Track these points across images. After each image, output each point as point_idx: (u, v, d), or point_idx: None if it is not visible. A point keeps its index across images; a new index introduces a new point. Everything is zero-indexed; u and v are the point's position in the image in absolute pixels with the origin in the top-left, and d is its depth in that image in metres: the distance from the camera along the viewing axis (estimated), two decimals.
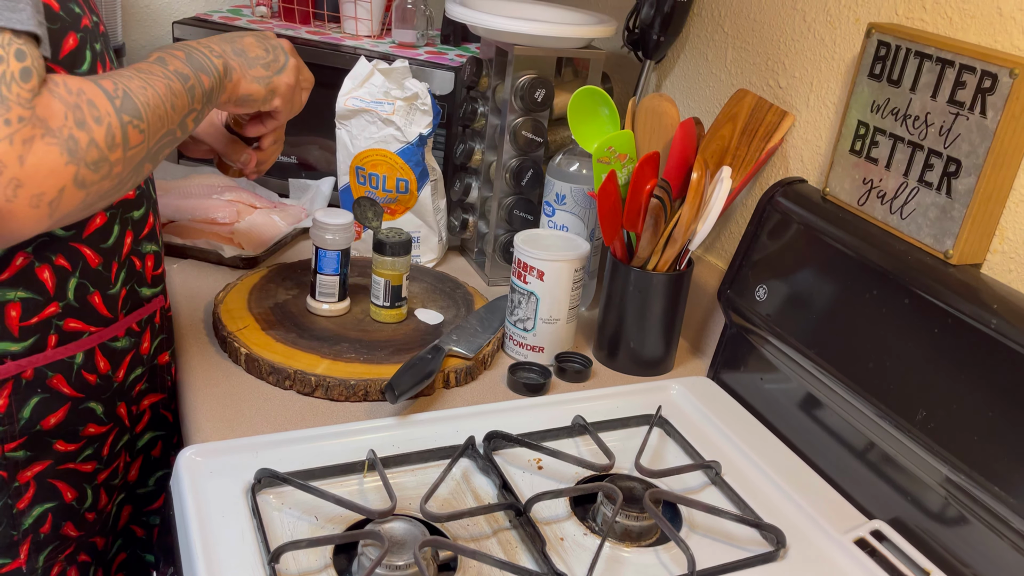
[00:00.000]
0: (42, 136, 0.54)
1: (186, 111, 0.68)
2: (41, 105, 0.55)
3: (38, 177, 0.54)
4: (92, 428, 0.78)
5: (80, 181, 0.57)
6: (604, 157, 0.91)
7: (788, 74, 0.94)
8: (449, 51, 1.29)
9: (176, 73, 0.68)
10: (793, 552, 0.72)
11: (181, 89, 0.67)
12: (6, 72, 0.53)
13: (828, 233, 0.84)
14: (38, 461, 0.74)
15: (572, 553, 0.70)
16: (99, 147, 0.58)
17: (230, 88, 0.75)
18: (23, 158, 0.53)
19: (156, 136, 0.64)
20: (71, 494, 0.77)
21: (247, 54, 0.77)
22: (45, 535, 0.76)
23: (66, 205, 0.57)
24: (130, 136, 0.61)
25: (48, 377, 0.72)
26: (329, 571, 0.65)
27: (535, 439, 0.81)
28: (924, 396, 0.72)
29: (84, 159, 0.57)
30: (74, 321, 0.74)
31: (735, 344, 0.95)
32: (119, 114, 0.60)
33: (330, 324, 0.95)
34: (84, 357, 0.75)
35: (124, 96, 0.61)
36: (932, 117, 0.74)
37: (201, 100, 0.70)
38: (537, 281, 0.93)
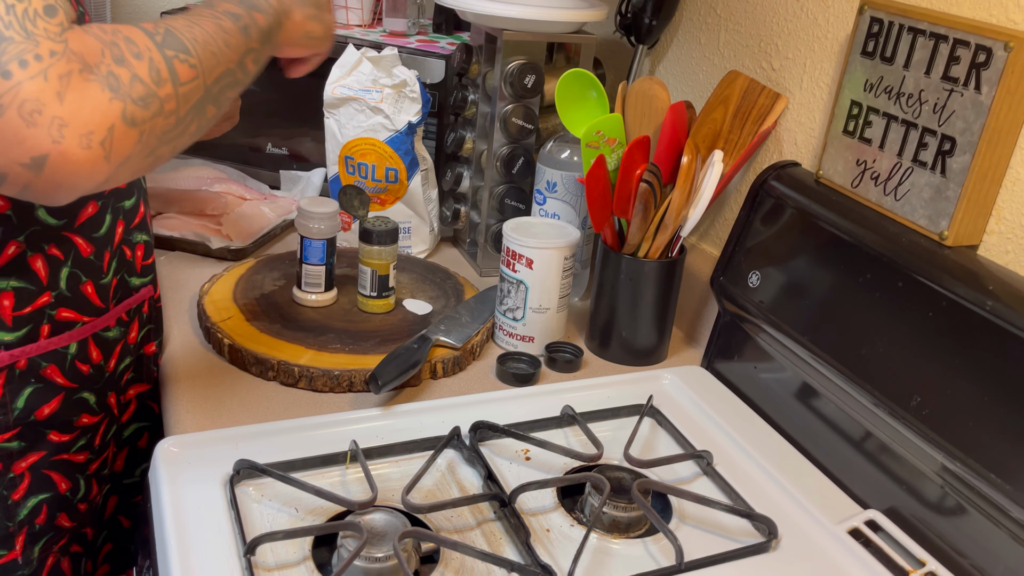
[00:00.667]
0: (80, 71, 0.49)
1: (243, 50, 0.63)
2: (74, 39, 0.50)
3: (82, 114, 0.48)
4: (85, 418, 0.77)
5: (130, 118, 0.51)
6: (592, 142, 0.89)
7: (781, 55, 0.92)
8: (441, 39, 1.27)
9: (226, 13, 0.63)
10: (785, 543, 0.70)
11: (233, 27, 0.62)
12: (28, 8, 0.48)
13: (822, 217, 0.82)
14: (32, 452, 0.73)
15: (558, 544, 0.68)
16: (143, 82, 0.53)
17: (289, 27, 0.70)
18: (61, 95, 0.48)
19: (212, 74, 0.59)
20: (65, 485, 0.77)
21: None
22: (40, 526, 0.75)
23: (121, 146, 0.51)
24: (178, 70, 0.56)
25: (42, 367, 0.72)
26: (307, 563, 0.63)
27: (523, 429, 0.79)
28: (919, 382, 0.70)
29: (129, 94, 0.52)
30: (67, 311, 0.73)
31: (729, 332, 0.93)
32: (161, 48, 0.55)
33: (316, 315, 0.94)
34: (77, 347, 0.74)
35: (166, 33, 0.57)
36: (926, 94, 0.72)
37: (259, 39, 0.65)
38: (526, 269, 0.91)
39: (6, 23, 0.47)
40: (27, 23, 0.48)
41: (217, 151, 1.30)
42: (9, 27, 0.47)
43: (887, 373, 0.73)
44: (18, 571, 0.75)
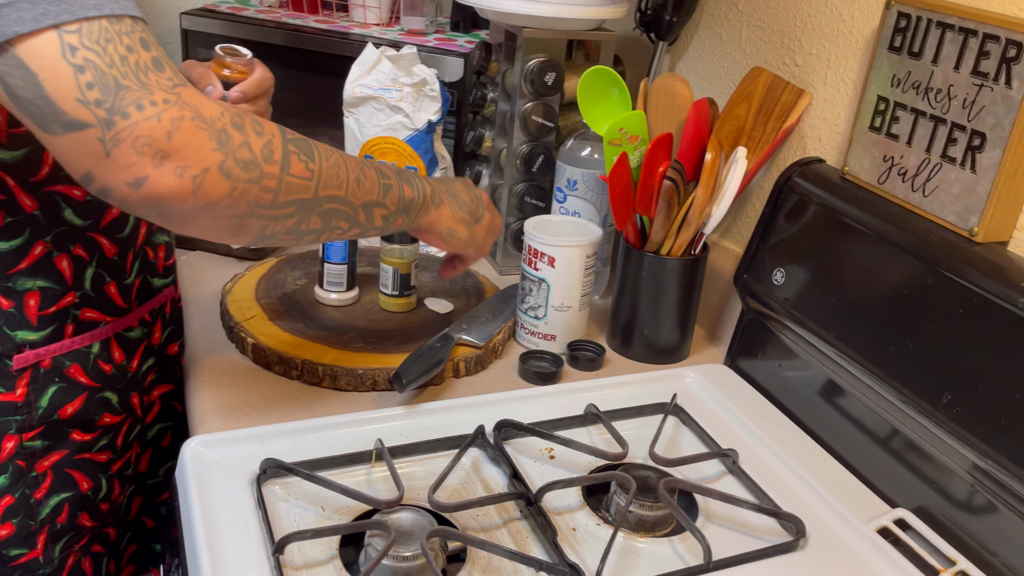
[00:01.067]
0: (192, 118, 0.55)
1: (373, 197, 0.67)
2: (187, 93, 0.55)
3: (184, 152, 0.54)
4: (107, 418, 0.78)
5: (226, 171, 0.56)
6: (615, 139, 0.89)
7: (805, 51, 0.91)
8: (459, 38, 1.27)
9: (377, 168, 0.69)
10: (813, 542, 0.69)
11: (375, 177, 0.68)
12: (139, 61, 0.54)
13: (848, 213, 0.81)
14: (55, 451, 0.74)
15: (584, 544, 0.68)
16: (252, 150, 0.58)
17: (435, 215, 0.76)
18: (171, 134, 0.54)
19: (327, 188, 0.63)
20: (87, 484, 0.77)
21: (458, 196, 0.79)
22: (61, 525, 0.76)
23: (210, 188, 0.56)
24: (292, 163, 0.60)
25: (66, 366, 0.73)
26: (335, 562, 0.63)
27: (547, 428, 0.79)
28: (949, 379, 0.69)
29: (234, 153, 0.57)
30: (91, 311, 0.74)
31: (752, 330, 0.93)
32: (285, 141, 0.60)
33: (338, 314, 0.94)
34: (100, 347, 0.75)
35: (301, 138, 0.62)
36: (955, 89, 0.71)
37: (396, 203, 0.70)
38: (548, 268, 0.91)
39: (123, 73, 0.53)
40: (140, 75, 0.54)
41: None
42: (126, 77, 0.53)
43: (916, 370, 0.72)
44: (39, 570, 0.75)
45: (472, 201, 0.80)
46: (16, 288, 0.68)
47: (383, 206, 0.69)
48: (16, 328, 0.68)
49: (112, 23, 0.53)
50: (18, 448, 0.71)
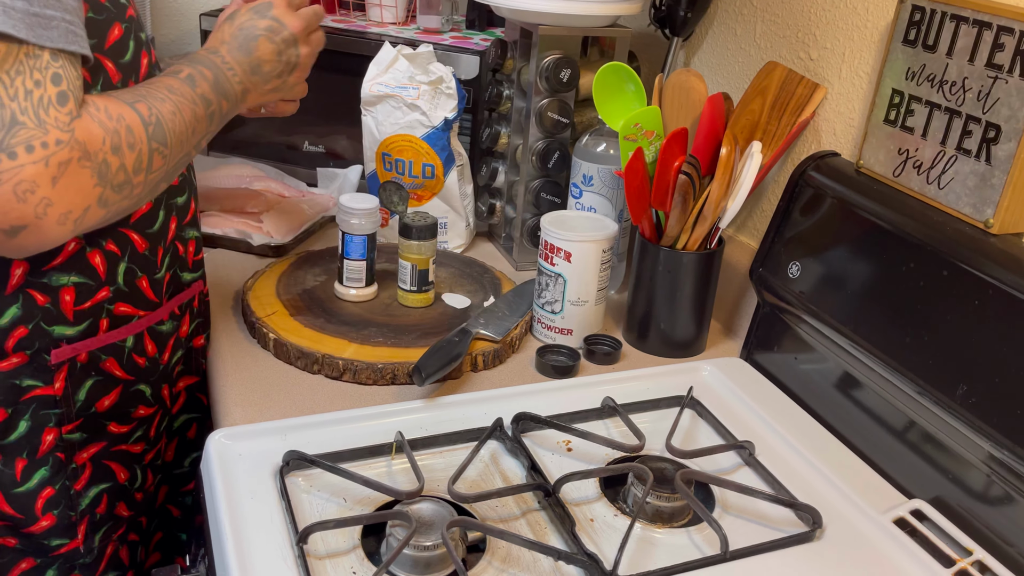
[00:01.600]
0: (79, 160, 0.56)
1: (203, 134, 0.72)
2: (80, 128, 0.57)
3: (67, 197, 0.56)
4: (142, 410, 0.80)
5: (103, 201, 0.60)
6: (631, 134, 0.90)
7: (819, 45, 0.92)
8: (474, 35, 1.28)
9: (202, 97, 0.70)
10: (830, 532, 0.70)
11: (203, 114, 0.70)
12: (43, 96, 0.54)
13: (863, 206, 0.82)
14: (93, 443, 0.76)
15: (602, 534, 0.69)
16: (127, 171, 0.61)
17: (242, 107, 0.79)
18: (56, 179, 0.55)
19: (175, 160, 0.68)
20: (124, 475, 0.79)
21: (261, 69, 0.79)
22: (101, 515, 0.78)
23: (88, 221, 0.60)
24: (154, 161, 0.64)
25: (102, 360, 0.74)
26: (357, 552, 0.64)
27: (564, 421, 0.80)
28: (965, 370, 0.70)
29: (111, 182, 0.60)
30: (124, 305, 0.75)
31: (768, 324, 0.93)
32: (150, 141, 0.63)
33: (358, 309, 0.95)
34: (134, 340, 0.77)
35: (156, 123, 0.64)
36: (970, 82, 0.72)
37: (218, 122, 0.74)
38: (564, 263, 0.92)
39: (22, 108, 0.53)
40: (40, 111, 0.54)
41: (255, 150, 1.32)
42: (24, 112, 0.53)
43: (932, 362, 0.72)
44: (80, 559, 0.77)
45: (279, 59, 0.80)
46: (51, 284, 0.69)
47: (209, 133, 0.73)
48: (53, 323, 0.70)
49: (28, 57, 0.54)
50: (58, 441, 0.73)
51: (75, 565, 0.77)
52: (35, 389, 0.71)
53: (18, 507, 0.72)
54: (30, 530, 0.73)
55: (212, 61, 0.74)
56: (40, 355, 0.70)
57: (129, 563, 0.83)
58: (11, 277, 0.67)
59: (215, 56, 0.74)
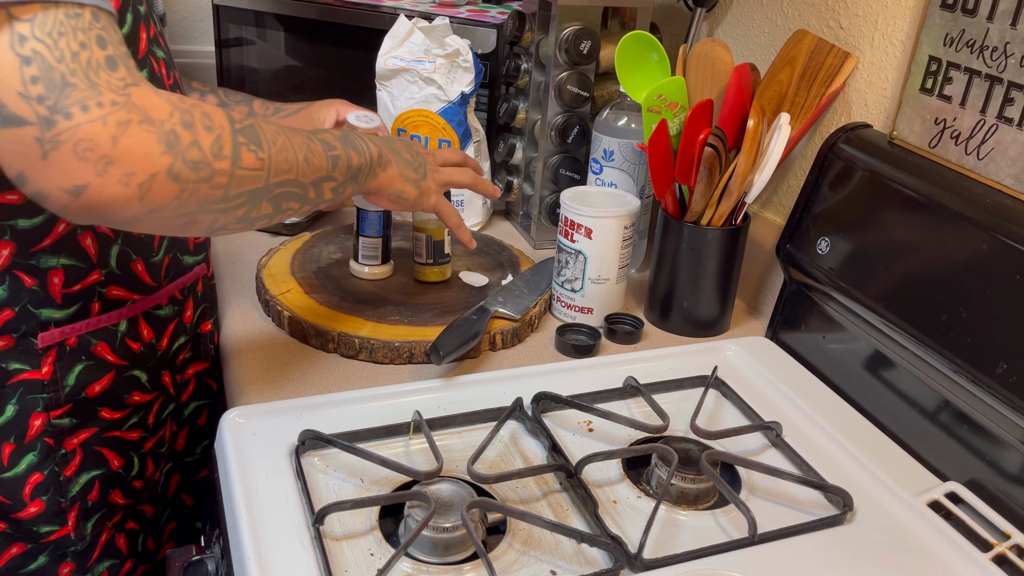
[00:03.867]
0: (139, 122, 0.52)
1: (323, 173, 0.67)
2: (137, 94, 0.53)
3: (131, 158, 0.52)
4: (137, 396, 0.78)
5: (175, 174, 0.54)
6: (654, 106, 0.87)
7: (850, 13, 0.88)
8: (491, 9, 1.25)
9: (322, 140, 0.67)
10: (861, 515, 0.68)
11: (322, 151, 0.67)
12: (91, 59, 0.51)
13: (896, 179, 0.79)
14: (84, 428, 0.74)
15: (626, 516, 0.67)
16: (202, 149, 0.56)
17: (383, 178, 0.75)
18: (116, 139, 0.51)
19: (278, 174, 0.62)
20: (118, 462, 0.77)
21: (401, 155, 0.78)
22: (93, 502, 0.76)
23: (158, 193, 0.54)
24: (243, 156, 0.59)
25: (92, 344, 0.72)
26: (375, 533, 0.63)
27: (585, 401, 0.78)
28: (1005, 348, 0.67)
29: (183, 155, 0.55)
30: (117, 288, 0.73)
31: (795, 302, 0.91)
32: (235, 133, 0.59)
33: (374, 287, 0.93)
34: (128, 325, 0.75)
35: (249, 126, 0.60)
36: (1012, 47, 0.68)
37: (344, 173, 0.69)
38: (585, 239, 0.90)
39: (71, 70, 0.50)
40: (91, 73, 0.51)
41: None
42: (74, 74, 0.51)
43: (970, 340, 0.70)
44: (71, 546, 0.76)
45: (414, 158, 0.79)
46: (40, 266, 0.67)
47: (332, 179, 0.68)
48: (40, 306, 0.68)
49: (69, 17, 0.51)
50: (46, 426, 0.71)
51: (66, 552, 0.76)
52: (22, 373, 0.69)
53: (6, 492, 0.71)
54: (19, 516, 0.72)
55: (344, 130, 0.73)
56: (27, 338, 0.68)
57: (129, 551, 0.82)
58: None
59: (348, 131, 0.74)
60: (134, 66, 0.54)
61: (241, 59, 1.31)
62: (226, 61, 1.31)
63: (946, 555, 0.64)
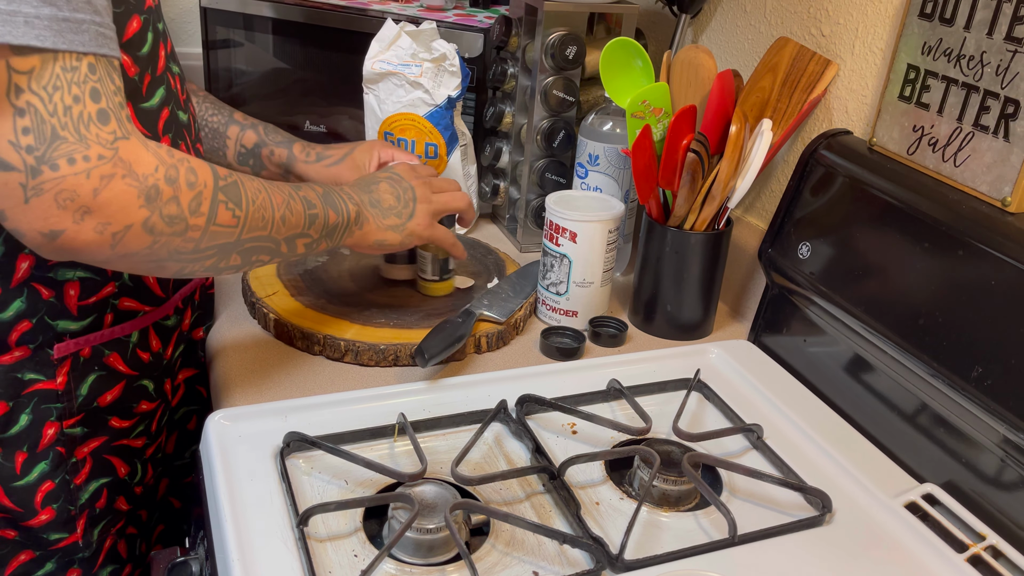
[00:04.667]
0: (123, 176, 0.55)
1: (298, 231, 0.69)
2: (126, 148, 0.55)
3: (109, 210, 0.54)
4: (144, 405, 0.79)
5: (150, 227, 0.57)
6: (638, 112, 0.88)
7: (832, 21, 0.89)
8: (478, 13, 1.26)
9: (303, 198, 0.70)
10: (840, 517, 0.69)
11: (301, 210, 0.69)
12: (83, 113, 0.53)
13: (876, 185, 0.80)
14: (94, 437, 0.75)
15: (608, 517, 0.68)
16: (180, 205, 0.58)
17: (358, 235, 0.77)
18: (98, 191, 0.54)
19: (252, 231, 0.64)
20: (124, 469, 0.78)
21: (381, 204, 0.80)
22: (100, 509, 0.77)
23: (130, 242, 0.57)
24: (220, 213, 0.61)
25: (105, 355, 0.73)
26: (359, 534, 0.63)
27: (569, 403, 0.79)
28: (980, 352, 0.68)
29: (161, 209, 0.57)
30: (129, 300, 0.74)
31: (777, 306, 0.92)
32: (216, 191, 0.61)
33: (359, 289, 0.93)
34: (139, 336, 0.76)
35: (232, 184, 0.62)
36: (988, 56, 0.70)
37: (320, 231, 0.72)
38: (570, 243, 0.90)
39: (62, 124, 0.52)
40: (81, 126, 0.53)
41: None
42: (65, 128, 0.53)
43: (946, 344, 0.71)
44: (78, 553, 0.76)
45: (399, 202, 0.81)
46: (57, 278, 0.68)
47: (307, 235, 0.71)
48: (57, 318, 0.69)
49: (65, 70, 0.52)
50: (58, 435, 0.72)
51: (74, 559, 0.76)
52: (37, 383, 0.70)
53: (17, 500, 0.71)
54: (29, 524, 0.72)
55: (327, 186, 0.75)
56: (43, 349, 0.69)
57: (127, 556, 0.82)
58: (16, 271, 0.66)
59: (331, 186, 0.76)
60: (126, 117, 0.56)
61: (229, 61, 1.31)
62: (213, 64, 1.31)
63: (923, 556, 0.65)
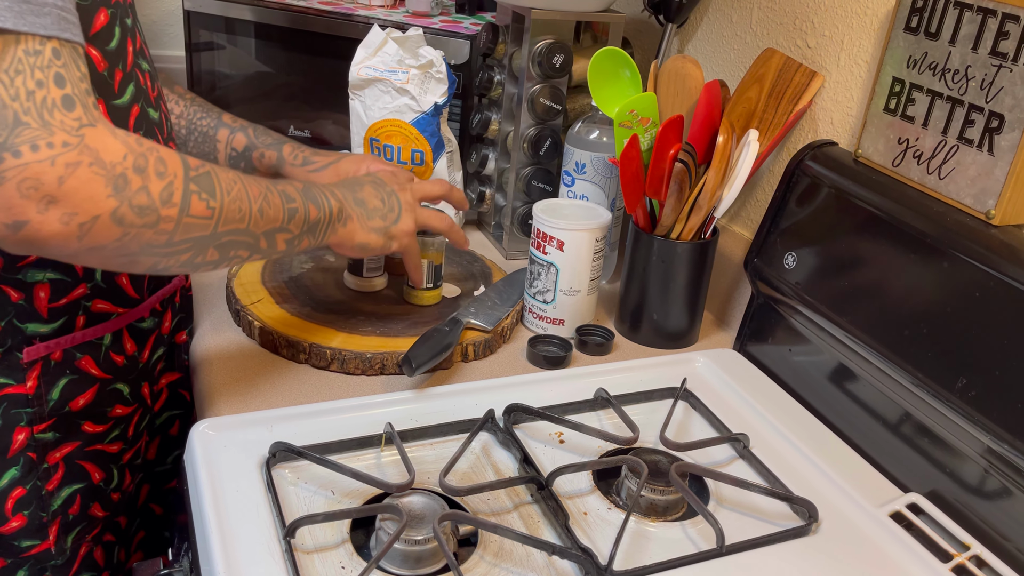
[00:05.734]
0: (89, 164, 0.52)
1: (277, 224, 0.66)
2: (92, 136, 0.53)
3: (74, 199, 0.52)
4: (119, 409, 0.77)
5: (119, 217, 0.55)
6: (626, 121, 0.88)
7: (817, 33, 0.90)
8: (464, 20, 1.26)
9: (282, 192, 0.67)
10: (826, 526, 0.69)
11: (279, 203, 0.66)
12: (47, 98, 0.51)
13: (861, 196, 0.80)
14: (67, 442, 0.73)
15: (596, 528, 0.67)
16: (150, 195, 0.56)
17: (343, 233, 0.74)
18: (63, 179, 0.52)
19: (228, 223, 0.62)
20: (98, 475, 0.77)
21: (366, 204, 0.77)
22: (74, 516, 0.75)
23: (98, 234, 0.54)
24: (192, 204, 0.59)
25: (77, 358, 0.72)
26: (346, 546, 0.63)
27: (557, 412, 0.79)
28: (964, 363, 0.69)
29: (130, 199, 0.55)
30: (102, 302, 0.73)
31: (762, 315, 0.92)
32: (187, 180, 0.58)
33: (345, 297, 0.93)
34: (112, 338, 0.74)
35: (204, 173, 0.60)
36: (973, 70, 0.71)
37: (300, 226, 0.69)
38: (557, 252, 0.90)
39: (25, 109, 0.51)
40: (44, 112, 0.51)
41: None
42: (27, 113, 0.51)
43: (931, 354, 0.71)
44: (51, 560, 0.75)
45: (384, 205, 0.78)
46: (26, 280, 0.67)
47: (287, 231, 0.68)
48: (26, 320, 0.68)
49: (28, 54, 0.51)
50: (29, 440, 0.70)
51: (47, 566, 0.75)
52: (6, 387, 0.68)
53: None
54: (0, 531, 0.71)
55: (309, 182, 0.72)
56: (12, 353, 0.68)
57: (105, 564, 0.81)
58: None
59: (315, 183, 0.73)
60: (93, 104, 0.54)
61: (212, 64, 1.30)
62: (196, 66, 1.30)
63: (908, 565, 0.66)
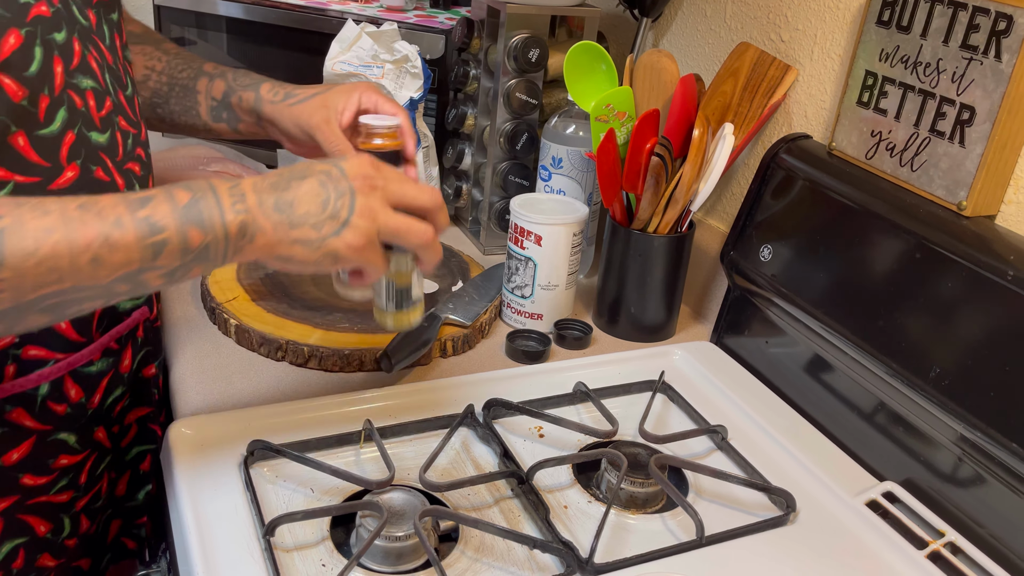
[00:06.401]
0: None
1: (133, 268, 0.53)
2: None
3: None
4: (64, 459, 0.70)
5: None
6: (602, 115, 0.88)
7: (791, 27, 0.91)
8: (439, 14, 1.25)
9: (145, 220, 0.53)
10: (803, 516, 0.70)
11: (132, 241, 0.53)
12: None
13: (835, 189, 0.81)
14: (3, 497, 0.66)
15: (576, 521, 0.68)
16: None
17: (255, 249, 0.58)
18: None
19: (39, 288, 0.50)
20: (44, 527, 0.70)
21: (293, 210, 0.58)
22: (18, 570, 0.69)
23: None
24: None
25: (6, 411, 0.64)
26: (326, 543, 0.62)
27: (536, 407, 0.79)
28: (938, 353, 0.70)
29: None
30: (35, 348, 0.64)
31: (738, 307, 0.93)
32: None
33: (322, 294, 0.92)
34: (50, 387, 0.66)
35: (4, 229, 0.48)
36: (944, 63, 0.71)
37: (177, 257, 0.55)
38: (535, 246, 0.90)
39: None
40: None
41: None
42: None
43: (904, 344, 0.72)
44: None
45: (323, 210, 0.59)
46: None
47: (155, 268, 0.54)
48: None
49: None
50: None
51: None
52: None
53: None
54: None
55: (209, 184, 0.57)
56: None
57: None
58: None
59: (225, 182, 0.58)
60: None
61: None
62: None
63: (884, 553, 0.66)
